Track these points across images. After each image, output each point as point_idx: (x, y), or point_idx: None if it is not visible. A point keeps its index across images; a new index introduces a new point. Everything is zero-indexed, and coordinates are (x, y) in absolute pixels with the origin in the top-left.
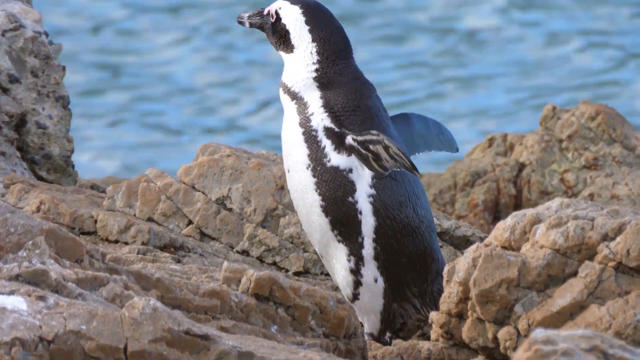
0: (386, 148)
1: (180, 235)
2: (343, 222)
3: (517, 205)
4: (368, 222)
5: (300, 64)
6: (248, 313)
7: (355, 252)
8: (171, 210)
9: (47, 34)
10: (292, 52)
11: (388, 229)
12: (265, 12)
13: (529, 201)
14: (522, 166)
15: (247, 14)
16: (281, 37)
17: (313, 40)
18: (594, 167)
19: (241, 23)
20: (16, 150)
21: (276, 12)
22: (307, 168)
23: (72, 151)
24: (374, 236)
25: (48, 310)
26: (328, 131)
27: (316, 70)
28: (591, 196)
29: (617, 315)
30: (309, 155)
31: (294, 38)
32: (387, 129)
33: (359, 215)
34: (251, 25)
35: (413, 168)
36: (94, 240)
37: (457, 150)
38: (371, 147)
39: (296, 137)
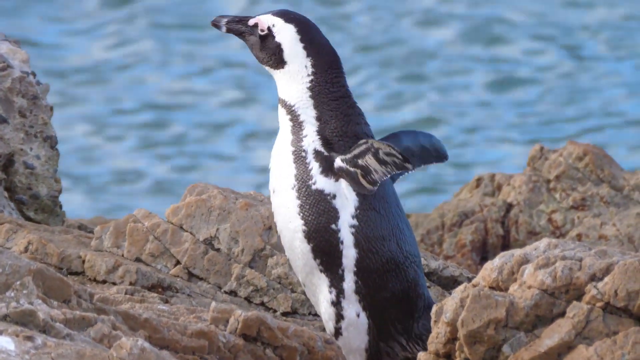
0: (376, 153)
1: (168, 276)
2: (325, 251)
3: (505, 246)
4: (349, 254)
5: (294, 79)
6: (236, 353)
7: (336, 284)
8: (159, 251)
9: (34, 74)
10: (282, 67)
11: (370, 263)
12: (251, 22)
13: (517, 241)
14: (509, 206)
15: (225, 19)
16: (273, 53)
17: (308, 56)
18: (582, 208)
19: (216, 26)
20: (4, 190)
21: (268, 29)
22: (292, 188)
23: (60, 191)
24: (355, 269)
25: (36, 351)
26: (317, 154)
27: (311, 82)
28: (579, 236)
29: (605, 356)
30: (295, 176)
31: (288, 55)
32: None
33: (340, 245)
34: (229, 30)
35: (406, 161)
36: (82, 281)
37: (446, 158)
38: (360, 161)
39: (286, 156)
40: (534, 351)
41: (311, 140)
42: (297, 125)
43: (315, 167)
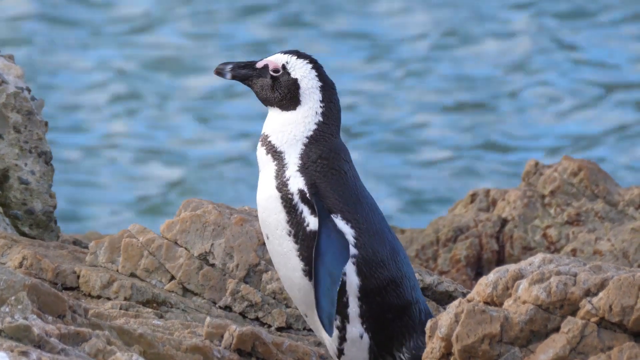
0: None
1: (162, 291)
2: None
3: (500, 261)
4: (352, 282)
5: (301, 122)
6: None
7: (341, 310)
8: (154, 266)
9: (29, 90)
10: (294, 109)
11: (372, 287)
12: (260, 65)
13: (512, 257)
14: (504, 222)
15: (229, 66)
16: (288, 92)
17: (322, 100)
18: (577, 223)
19: (220, 74)
20: None
21: (283, 67)
22: (289, 235)
23: (55, 207)
24: (359, 295)
25: None
26: (303, 195)
27: (315, 131)
28: (574, 252)
29: None
30: (288, 222)
31: (303, 94)
32: (360, 191)
33: (343, 277)
34: (234, 77)
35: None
36: (77, 296)
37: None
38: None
39: (273, 202)
40: None
41: (296, 182)
42: (280, 167)
43: (304, 209)
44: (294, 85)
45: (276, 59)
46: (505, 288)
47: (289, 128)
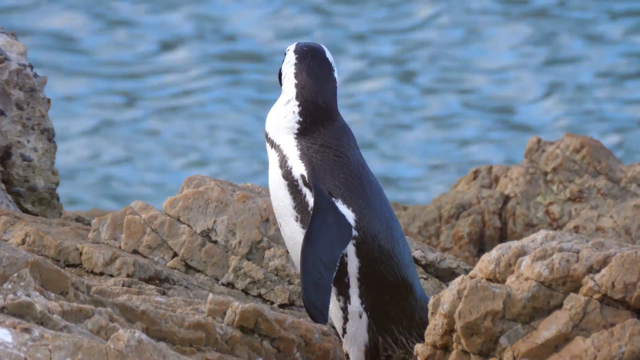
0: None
1: (165, 268)
2: None
3: (502, 238)
4: (353, 263)
5: (282, 112)
6: (233, 345)
7: (343, 291)
8: (156, 243)
9: (32, 67)
10: (282, 94)
11: (371, 268)
12: None
13: (514, 233)
14: (507, 198)
15: None
16: (279, 82)
17: (301, 86)
18: (579, 200)
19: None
20: (1, 182)
21: (285, 54)
22: (296, 220)
23: (57, 183)
24: (359, 276)
25: (33, 343)
26: (304, 180)
27: (302, 120)
28: (576, 228)
29: (602, 348)
30: (294, 208)
31: (285, 82)
32: (364, 176)
33: (345, 258)
34: None
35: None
36: (79, 273)
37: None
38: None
39: (281, 190)
40: (531, 343)
41: (298, 169)
42: (282, 157)
43: (307, 194)
44: (280, 74)
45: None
46: (507, 265)
47: (278, 115)
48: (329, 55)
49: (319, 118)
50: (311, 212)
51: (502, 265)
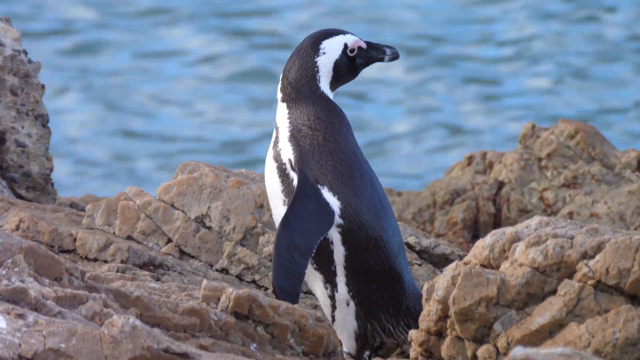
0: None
1: (159, 254)
2: (318, 252)
3: (496, 224)
4: (339, 251)
5: (280, 93)
6: (227, 331)
7: (330, 279)
8: (150, 229)
9: (26, 52)
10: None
11: (357, 257)
12: None
13: (508, 219)
14: (501, 184)
15: None
16: None
17: (292, 69)
18: (573, 186)
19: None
20: None
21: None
22: (284, 204)
23: (52, 169)
24: (345, 264)
25: (27, 329)
26: (292, 165)
27: (292, 102)
28: (570, 214)
29: (596, 334)
30: (282, 191)
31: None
32: (354, 162)
33: (330, 246)
34: None
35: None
36: (73, 259)
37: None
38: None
39: (270, 172)
40: (525, 329)
41: (286, 152)
42: (276, 138)
43: (295, 178)
44: None
45: None
46: (502, 251)
47: (279, 104)
48: (325, 41)
49: (312, 101)
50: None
51: (496, 251)
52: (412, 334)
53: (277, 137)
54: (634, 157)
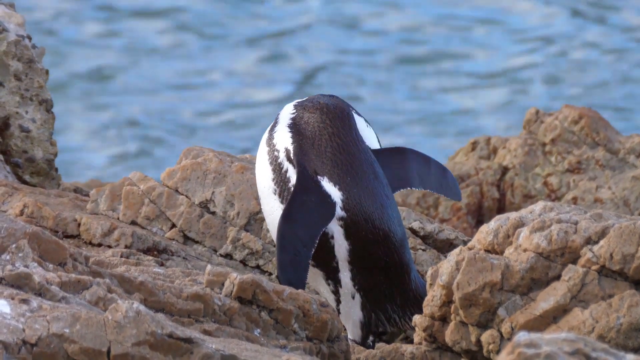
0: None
1: (163, 239)
2: (316, 249)
3: (501, 209)
4: (341, 246)
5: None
6: (231, 316)
7: (332, 275)
8: (154, 214)
9: (30, 38)
10: None
11: (362, 250)
12: None
13: (512, 204)
14: (505, 170)
15: None
16: None
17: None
18: (577, 171)
19: None
20: None
21: None
22: (274, 193)
23: (56, 154)
24: (349, 259)
25: (31, 314)
26: (288, 154)
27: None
28: (574, 200)
29: (600, 319)
30: (273, 180)
31: None
32: (357, 154)
33: (331, 240)
34: None
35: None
36: (77, 244)
37: (460, 198)
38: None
39: (261, 157)
40: (529, 314)
41: (283, 140)
42: (275, 123)
43: (290, 168)
44: None
45: None
46: (506, 236)
47: None
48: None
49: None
50: (292, 189)
51: (500, 237)
52: (416, 319)
53: (275, 123)
54: (638, 142)
